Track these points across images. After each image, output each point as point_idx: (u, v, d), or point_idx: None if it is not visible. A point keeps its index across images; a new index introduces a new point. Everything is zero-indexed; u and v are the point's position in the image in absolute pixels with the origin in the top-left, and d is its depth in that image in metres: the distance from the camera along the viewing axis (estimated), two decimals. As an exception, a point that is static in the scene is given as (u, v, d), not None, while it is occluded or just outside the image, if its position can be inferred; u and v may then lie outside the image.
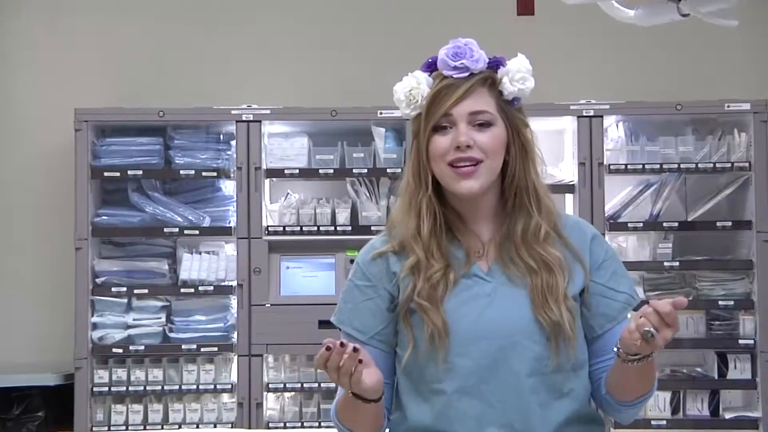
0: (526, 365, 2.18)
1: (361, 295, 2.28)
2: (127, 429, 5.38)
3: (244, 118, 5.42)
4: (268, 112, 5.44)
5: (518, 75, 2.34)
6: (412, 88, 2.27)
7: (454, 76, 2.25)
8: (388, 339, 2.27)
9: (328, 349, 2.06)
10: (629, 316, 2.28)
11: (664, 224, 5.42)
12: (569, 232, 2.29)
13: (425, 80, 2.27)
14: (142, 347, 5.39)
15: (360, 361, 2.07)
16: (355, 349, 2.06)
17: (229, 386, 5.41)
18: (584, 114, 5.41)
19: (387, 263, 2.28)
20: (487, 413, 2.18)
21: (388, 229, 2.33)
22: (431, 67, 2.29)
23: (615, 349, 2.15)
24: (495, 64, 2.32)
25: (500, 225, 2.28)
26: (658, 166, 5.41)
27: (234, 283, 5.40)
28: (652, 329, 2.07)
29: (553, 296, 2.20)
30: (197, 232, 5.43)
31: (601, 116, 5.41)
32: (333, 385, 5.61)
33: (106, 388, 5.38)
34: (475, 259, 2.25)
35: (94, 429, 5.38)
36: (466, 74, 2.26)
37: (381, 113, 5.31)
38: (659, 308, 2.09)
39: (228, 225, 5.46)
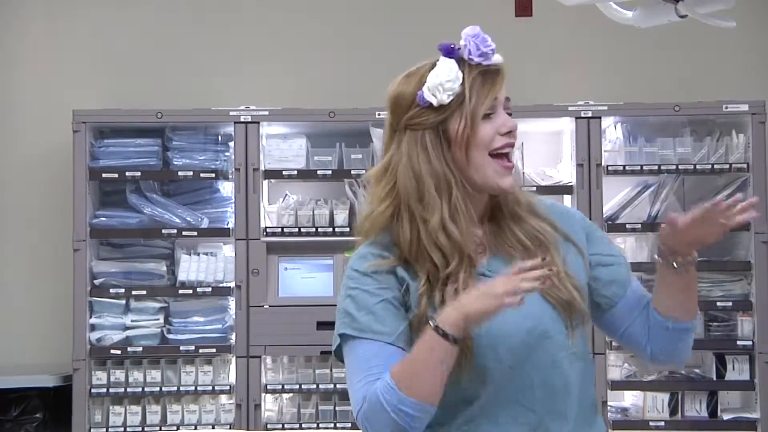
0: (560, 354, 2.13)
1: (374, 298, 2.13)
2: (125, 430, 5.38)
3: (242, 120, 5.42)
4: (267, 113, 5.44)
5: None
6: (448, 76, 2.15)
7: (484, 63, 2.17)
8: (410, 339, 2.12)
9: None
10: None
11: (663, 225, 5.41)
12: (554, 215, 2.26)
13: (455, 66, 2.17)
14: (140, 348, 5.39)
15: None
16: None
17: (228, 387, 5.40)
18: (582, 115, 5.41)
19: (394, 269, 2.15)
20: (529, 416, 2.12)
21: (369, 238, 2.19)
22: (452, 53, 2.18)
23: (659, 262, 2.19)
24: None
25: (487, 215, 2.23)
26: (656, 167, 5.41)
27: (232, 285, 5.40)
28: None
29: (556, 276, 2.13)
30: (195, 233, 5.43)
31: (599, 117, 5.42)
32: (331, 386, 5.61)
33: (104, 390, 5.38)
34: (477, 258, 2.17)
35: (92, 430, 5.38)
36: (494, 61, 2.19)
37: (379, 114, 5.31)
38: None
39: (226, 226, 5.46)
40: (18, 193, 5.85)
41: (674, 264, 2.19)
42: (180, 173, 5.44)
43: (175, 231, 5.41)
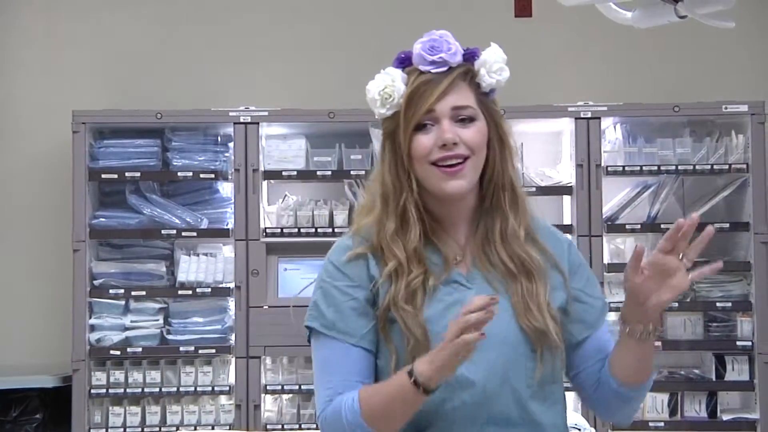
0: (517, 376, 2.12)
1: (343, 297, 2.16)
2: (124, 431, 5.38)
3: (241, 120, 5.42)
4: (266, 113, 5.44)
5: (495, 66, 2.20)
6: (387, 86, 2.18)
7: (433, 71, 2.16)
8: (375, 340, 2.15)
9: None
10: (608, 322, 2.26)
11: (662, 226, 5.42)
12: (544, 239, 2.24)
13: (400, 77, 2.19)
14: (140, 349, 5.39)
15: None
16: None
17: (227, 388, 5.40)
18: (582, 116, 5.41)
19: (366, 265, 2.18)
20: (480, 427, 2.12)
21: (357, 232, 2.22)
22: (405, 62, 2.21)
23: (621, 325, 2.13)
24: (471, 56, 2.21)
25: (476, 226, 2.21)
26: (655, 168, 5.41)
27: (232, 285, 5.40)
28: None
29: (535, 304, 2.13)
30: (195, 234, 5.43)
31: (599, 118, 5.42)
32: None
33: (104, 390, 5.38)
34: (453, 264, 2.17)
35: (92, 431, 5.37)
36: (445, 68, 2.17)
37: (379, 115, 5.31)
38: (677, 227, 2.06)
39: (226, 227, 5.45)
40: (17, 193, 5.85)
41: (637, 334, 2.13)
42: (179, 174, 5.44)
43: (174, 232, 5.41)
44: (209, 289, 5.41)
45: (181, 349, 5.38)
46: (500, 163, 2.21)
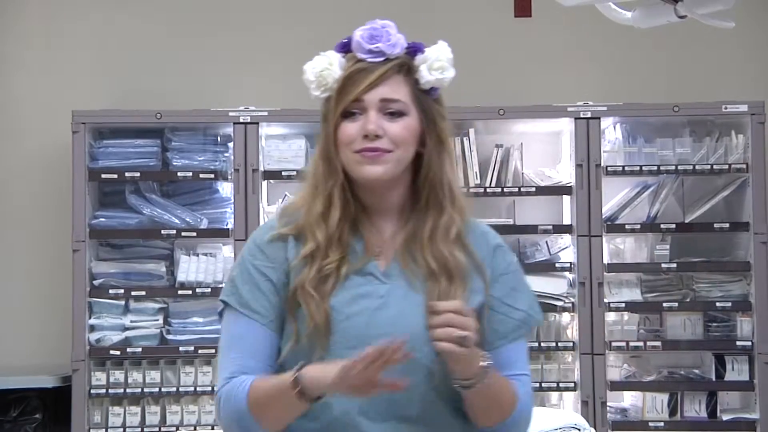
0: (415, 377, 2.04)
1: (260, 276, 2.12)
2: (124, 431, 5.38)
3: (241, 120, 5.42)
4: (266, 113, 5.44)
5: (437, 63, 2.16)
6: (324, 68, 2.16)
7: (368, 60, 2.13)
8: (282, 323, 2.12)
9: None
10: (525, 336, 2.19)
11: (662, 226, 5.43)
12: (474, 240, 2.16)
13: (338, 61, 2.16)
14: (140, 349, 5.39)
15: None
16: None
17: (227, 388, 5.39)
18: (581, 116, 5.41)
19: (285, 247, 2.14)
20: (368, 426, 2.07)
21: (283, 213, 2.19)
22: (345, 48, 2.18)
23: (454, 381, 2.04)
24: (413, 51, 2.17)
25: (406, 222, 2.15)
26: (655, 168, 5.41)
27: (231, 285, 5.38)
28: (460, 333, 1.98)
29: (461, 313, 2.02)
30: (195, 234, 5.43)
31: (599, 118, 5.41)
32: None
33: (104, 390, 5.38)
34: (373, 256, 2.12)
35: (92, 431, 5.37)
36: (381, 59, 2.14)
37: (378, 115, 5.30)
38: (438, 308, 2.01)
39: (225, 227, 5.45)
40: (17, 193, 5.85)
41: (461, 384, 2.05)
42: (179, 174, 5.44)
43: (174, 232, 5.40)
44: (209, 289, 5.40)
45: (181, 349, 5.38)
46: (437, 163, 2.15)
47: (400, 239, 2.15)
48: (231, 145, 5.45)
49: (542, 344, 5.35)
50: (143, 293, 5.42)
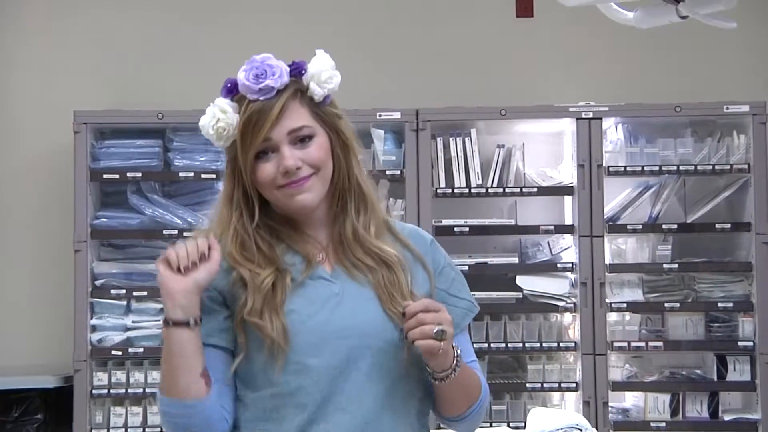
0: (379, 367, 2.11)
1: (212, 304, 2.16)
2: (126, 431, 5.38)
3: (242, 120, 5.41)
4: (267, 114, 5.43)
5: (324, 75, 2.24)
6: (219, 119, 2.16)
7: (261, 99, 2.14)
8: (229, 338, 2.16)
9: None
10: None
11: (663, 226, 5.43)
12: (408, 236, 2.24)
13: (231, 107, 2.17)
14: (141, 349, 5.39)
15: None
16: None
17: (228, 388, 5.40)
18: (583, 116, 5.41)
19: (224, 273, 2.16)
20: (340, 418, 2.10)
21: (219, 236, 2.20)
22: (233, 91, 2.19)
23: (428, 372, 2.10)
24: (297, 72, 2.22)
25: (333, 228, 2.21)
26: (657, 168, 5.41)
27: (233, 286, 5.39)
28: (437, 327, 2.03)
29: (398, 291, 2.13)
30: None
31: (600, 118, 5.41)
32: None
33: (106, 390, 5.38)
34: (318, 262, 2.17)
35: (93, 431, 5.37)
36: (273, 94, 2.16)
37: (380, 115, 5.30)
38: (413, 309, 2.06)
39: (227, 227, 5.44)
40: (19, 194, 5.85)
41: (434, 377, 2.11)
42: (181, 174, 5.44)
43: (176, 232, 5.40)
44: (210, 290, 5.39)
45: (183, 349, 5.37)
46: (345, 168, 2.20)
47: (333, 244, 2.20)
48: (232, 145, 5.44)
49: (544, 344, 5.35)
50: (145, 293, 5.42)
